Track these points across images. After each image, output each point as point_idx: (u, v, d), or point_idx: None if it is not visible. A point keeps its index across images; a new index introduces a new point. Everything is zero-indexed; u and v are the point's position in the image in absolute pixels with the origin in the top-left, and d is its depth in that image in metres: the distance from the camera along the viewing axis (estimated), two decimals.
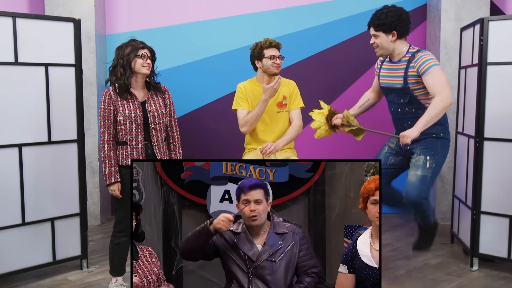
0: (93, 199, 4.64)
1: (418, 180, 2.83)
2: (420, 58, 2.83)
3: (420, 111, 2.89)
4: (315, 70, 4.97)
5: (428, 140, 2.92)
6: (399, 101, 2.95)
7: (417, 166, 2.86)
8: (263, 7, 4.94)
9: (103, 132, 2.92)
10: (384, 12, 2.89)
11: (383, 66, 3.06)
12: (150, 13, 4.91)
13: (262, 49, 3.32)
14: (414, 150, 2.97)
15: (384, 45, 2.92)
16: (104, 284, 3.30)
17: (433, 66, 2.78)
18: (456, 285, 3.28)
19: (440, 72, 2.77)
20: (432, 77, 2.74)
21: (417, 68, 2.83)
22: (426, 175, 2.84)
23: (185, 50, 4.96)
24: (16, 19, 3.14)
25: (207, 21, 4.94)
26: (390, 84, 2.97)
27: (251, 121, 3.30)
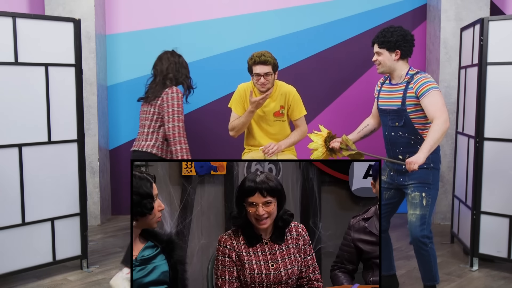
0: (93, 199, 4.64)
1: (418, 220, 2.87)
2: (419, 80, 2.84)
3: (413, 137, 2.91)
4: (315, 70, 4.97)
5: (420, 173, 2.91)
6: (394, 124, 2.94)
7: (415, 205, 2.90)
8: (263, 7, 4.94)
9: (183, 127, 3.22)
10: (390, 31, 2.90)
11: (383, 89, 3.06)
12: (150, 13, 4.91)
13: (250, 66, 3.26)
14: (407, 184, 2.97)
15: (386, 63, 2.93)
16: (104, 284, 3.30)
17: (432, 89, 2.78)
18: (456, 285, 3.28)
19: (438, 96, 2.78)
20: (431, 100, 2.76)
21: (415, 89, 2.83)
22: (425, 213, 2.88)
23: (185, 50, 4.92)
24: (16, 19, 3.14)
25: (207, 21, 4.94)
26: (387, 106, 2.98)
27: (237, 127, 3.32)
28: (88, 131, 4.55)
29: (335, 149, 3.08)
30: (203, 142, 5.03)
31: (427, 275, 2.97)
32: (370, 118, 3.27)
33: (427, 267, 2.94)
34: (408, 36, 2.92)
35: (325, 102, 5.02)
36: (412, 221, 2.89)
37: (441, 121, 2.70)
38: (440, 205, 4.70)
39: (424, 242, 2.86)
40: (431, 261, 2.93)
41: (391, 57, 2.92)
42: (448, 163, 4.63)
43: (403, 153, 2.94)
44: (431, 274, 2.96)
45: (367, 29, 4.93)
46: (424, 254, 2.91)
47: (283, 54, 4.88)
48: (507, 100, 3.36)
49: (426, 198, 2.89)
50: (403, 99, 2.89)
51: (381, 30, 2.97)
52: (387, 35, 2.90)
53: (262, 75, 3.20)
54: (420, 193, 2.90)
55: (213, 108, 4.95)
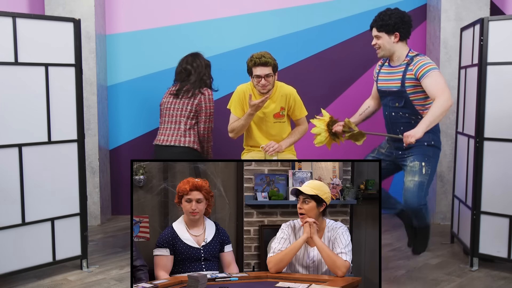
0: (93, 199, 4.64)
1: (416, 187, 2.86)
2: (418, 62, 2.86)
3: (413, 117, 2.94)
4: (315, 70, 4.97)
5: (420, 147, 2.94)
6: (394, 104, 2.97)
7: (414, 172, 2.89)
8: (263, 7, 4.94)
9: None
10: (388, 14, 2.92)
11: (382, 70, 3.09)
12: (150, 13, 4.91)
13: (250, 67, 3.24)
14: (407, 156, 2.99)
15: (386, 46, 2.96)
16: (104, 284, 3.30)
17: (432, 69, 2.81)
18: (456, 285, 3.28)
19: (439, 75, 2.80)
20: (431, 80, 2.77)
21: (415, 71, 2.85)
22: (423, 181, 2.87)
23: (185, 50, 4.94)
24: (16, 19, 3.14)
25: (207, 21, 4.94)
26: (387, 87, 3.00)
27: (237, 130, 3.31)
28: (88, 131, 4.55)
29: (338, 133, 3.11)
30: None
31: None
32: (370, 100, 3.30)
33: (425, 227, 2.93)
34: (406, 18, 2.93)
35: (325, 102, 5.01)
36: (409, 187, 2.85)
37: (444, 99, 2.71)
38: (440, 205, 4.70)
39: (421, 208, 2.83)
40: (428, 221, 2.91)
41: (390, 39, 2.94)
42: (448, 163, 4.63)
43: (403, 132, 2.93)
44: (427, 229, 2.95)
45: (367, 29, 4.90)
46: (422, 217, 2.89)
47: (283, 54, 4.88)
48: (507, 100, 3.36)
49: (425, 167, 2.86)
50: (403, 80, 2.90)
51: (378, 13, 2.98)
52: (385, 18, 2.91)
53: (263, 77, 3.18)
54: (420, 162, 2.88)
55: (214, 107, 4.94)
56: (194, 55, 3.83)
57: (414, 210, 2.88)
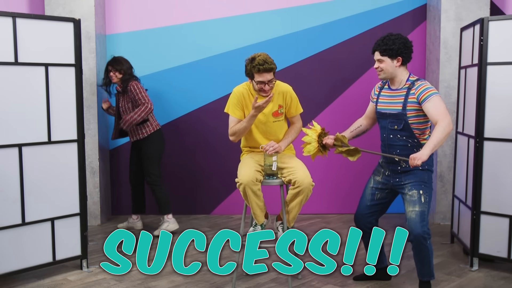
0: (93, 199, 4.64)
1: (418, 216, 2.93)
2: (420, 86, 2.93)
3: (410, 140, 2.99)
4: (315, 70, 4.97)
5: (415, 173, 3.00)
6: (393, 127, 3.03)
7: (414, 202, 2.96)
8: (263, 7, 4.94)
9: None
10: (392, 39, 2.99)
11: (382, 93, 3.14)
12: (150, 13, 4.91)
13: (252, 71, 3.18)
14: (403, 184, 3.04)
15: (388, 70, 3.01)
16: (104, 284, 3.30)
17: (433, 94, 2.88)
18: (456, 285, 3.28)
19: (440, 101, 2.88)
20: (433, 104, 2.85)
21: (417, 95, 2.92)
22: (424, 210, 2.95)
23: (185, 50, 4.96)
24: (16, 19, 3.14)
25: (207, 21, 4.94)
26: (388, 110, 3.06)
27: (238, 132, 3.25)
28: (88, 131, 4.55)
29: (327, 145, 3.15)
30: (203, 141, 5.03)
31: (424, 270, 3.03)
32: (363, 119, 3.35)
33: (425, 262, 3.00)
34: (408, 43, 3.02)
35: (325, 102, 5.01)
36: (412, 218, 2.94)
37: (445, 124, 2.79)
38: (440, 205, 4.70)
39: (425, 237, 2.92)
40: (429, 256, 2.99)
41: (393, 63, 3.01)
42: (448, 163, 4.63)
43: (399, 155, 3.02)
44: (428, 269, 3.03)
45: (367, 29, 4.93)
46: (423, 250, 2.95)
47: (283, 54, 4.88)
48: (507, 100, 3.36)
49: (424, 196, 2.96)
50: (404, 104, 2.98)
51: (381, 38, 3.05)
52: (389, 43, 2.99)
53: (266, 83, 3.17)
54: (418, 190, 2.97)
55: (213, 108, 4.95)
56: None
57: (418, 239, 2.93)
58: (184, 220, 4.83)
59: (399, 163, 3.05)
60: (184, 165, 5.04)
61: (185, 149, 5.04)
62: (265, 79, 3.14)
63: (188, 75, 4.95)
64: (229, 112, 3.34)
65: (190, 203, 5.08)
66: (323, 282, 3.31)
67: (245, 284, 3.30)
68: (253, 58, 3.18)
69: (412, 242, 2.96)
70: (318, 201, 5.00)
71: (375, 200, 3.20)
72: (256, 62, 3.13)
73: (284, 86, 3.35)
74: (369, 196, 3.22)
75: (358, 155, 3.07)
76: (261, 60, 3.12)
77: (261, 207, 3.17)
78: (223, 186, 5.02)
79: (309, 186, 3.08)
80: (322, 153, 3.21)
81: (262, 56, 3.16)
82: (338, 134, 3.14)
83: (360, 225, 3.19)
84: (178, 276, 3.35)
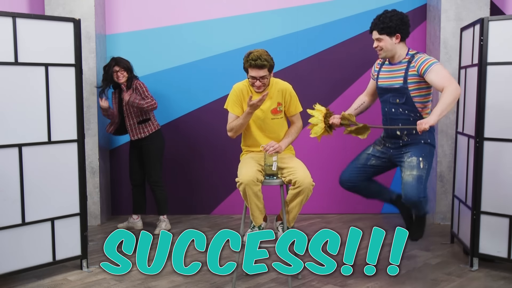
0: (93, 199, 4.64)
1: (415, 180, 2.91)
2: (419, 59, 2.93)
3: (412, 114, 2.99)
4: (315, 70, 4.97)
5: (416, 145, 3.02)
6: (395, 101, 3.03)
7: (412, 167, 2.95)
8: (264, 7, 4.94)
9: None
10: (388, 16, 2.98)
11: (383, 69, 3.15)
12: (150, 13, 4.91)
13: (246, 67, 3.22)
14: (403, 153, 3.05)
15: (388, 47, 3.02)
16: (104, 284, 3.30)
17: (434, 63, 2.88)
18: (456, 285, 3.28)
19: (442, 68, 2.87)
20: (436, 73, 2.83)
21: (417, 67, 2.91)
22: (422, 174, 2.93)
23: (186, 50, 4.96)
24: (16, 19, 3.14)
25: (207, 21, 4.94)
26: (389, 85, 3.06)
27: (235, 128, 3.28)
28: (88, 131, 4.55)
29: (334, 125, 3.16)
30: (203, 141, 5.03)
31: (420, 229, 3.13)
32: (364, 96, 3.38)
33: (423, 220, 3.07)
34: (405, 18, 3.00)
35: (325, 102, 4.99)
36: (408, 181, 2.89)
37: (453, 87, 2.76)
38: (440, 205, 4.70)
39: (421, 201, 2.89)
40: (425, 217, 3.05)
41: (392, 41, 3.01)
42: (448, 163, 4.63)
43: (401, 129, 3.02)
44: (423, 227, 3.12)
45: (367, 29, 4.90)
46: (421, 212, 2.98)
47: (283, 54, 4.88)
48: (507, 100, 3.36)
49: (423, 162, 2.92)
50: (405, 77, 2.96)
51: (377, 16, 3.03)
52: (386, 20, 2.97)
53: (258, 79, 3.18)
54: (417, 157, 2.95)
55: (213, 108, 4.95)
56: None
57: (414, 203, 2.93)
58: (184, 220, 4.83)
59: (400, 137, 3.04)
60: (184, 165, 5.04)
61: (185, 149, 5.04)
62: (257, 75, 3.16)
63: (188, 75, 4.95)
64: (228, 108, 3.37)
65: (190, 203, 5.08)
66: (323, 282, 3.31)
67: (245, 284, 3.30)
68: (249, 53, 3.21)
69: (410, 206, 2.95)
70: (318, 201, 5.00)
71: (368, 165, 3.19)
72: (250, 57, 3.16)
73: (283, 84, 3.37)
74: (363, 160, 3.22)
75: (367, 131, 3.07)
76: (255, 56, 3.14)
77: (260, 209, 3.16)
78: (223, 186, 5.02)
79: (309, 186, 3.08)
80: (328, 132, 3.22)
81: (258, 52, 3.17)
82: (344, 113, 3.15)
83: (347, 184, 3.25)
84: (178, 276, 3.35)
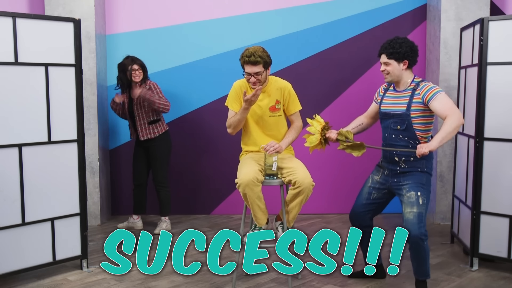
0: (93, 199, 4.65)
1: (416, 218, 2.95)
2: (424, 87, 2.98)
3: (411, 141, 3.02)
4: (315, 70, 4.97)
5: (414, 174, 3.04)
6: (396, 127, 3.07)
7: (412, 204, 2.99)
8: (264, 7, 4.94)
9: None
10: (399, 42, 3.03)
11: (387, 94, 3.18)
12: (150, 13, 4.91)
13: (242, 64, 3.23)
14: (402, 184, 3.07)
15: (395, 72, 3.05)
16: (104, 284, 3.30)
17: (439, 92, 2.92)
18: (456, 285, 3.28)
19: (446, 97, 2.91)
20: (440, 102, 2.88)
21: (422, 95, 2.96)
22: (421, 212, 2.97)
23: (186, 50, 4.96)
24: (16, 19, 3.14)
25: (208, 21, 4.94)
26: (392, 110, 3.10)
27: (233, 124, 3.30)
28: (88, 131, 4.55)
29: (330, 139, 3.17)
30: (203, 141, 5.03)
31: (420, 269, 3.07)
32: (364, 117, 3.40)
33: (422, 262, 3.03)
34: (414, 47, 3.07)
35: (325, 102, 5.01)
36: (409, 219, 2.97)
37: (455, 117, 2.80)
38: (440, 205, 4.70)
39: (422, 239, 2.94)
40: (425, 257, 3.02)
41: (399, 67, 3.05)
42: (448, 163, 4.63)
43: (399, 155, 3.06)
44: (424, 268, 3.06)
45: (367, 29, 4.93)
46: (420, 251, 2.98)
47: (283, 54, 4.88)
48: (507, 100, 3.36)
49: (422, 197, 2.98)
50: (409, 104, 3.02)
51: (387, 41, 3.09)
52: (396, 46, 3.03)
53: (252, 75, 3.19)
54: (416, 192, 3.00)
55: (213, 107, 4.95)
56: None
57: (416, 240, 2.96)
58: (184, 220, 4.83)
59: (398, 164, 3.08)
60: (184, 165, 5.04)
61: (185, 149, 5.04)
62: (251, 71, 3.18)
63: (189, 75, 4.95)
64: (228, 105, 3.39)
65: (191, 203, 5.08)
66: (323, 282, 3.31)
67: (245, 284, 3.30)
68: (246, 49, 3.22)
69: (409, 243, 2.98)
70: (318, 201, 5.00)
71: (371, 200, 3.23)
72: (244, 53, 3.18)
73: (283, 82, 3.39)
74: (366, 195, 3.26)
75: (363, 150, 3.07)
76: (249, 52, 3.16)
77: (262, 209, 3.16)
78: (223, 186, 5.02)
79: (309, 186, 3.08)
80: (321, 146, 3.23)
81: (253, 48, 3.19)
82: (342, 130, 3.16)
83: (355, 223, 3.23)
84: (178, 276, 3.35)
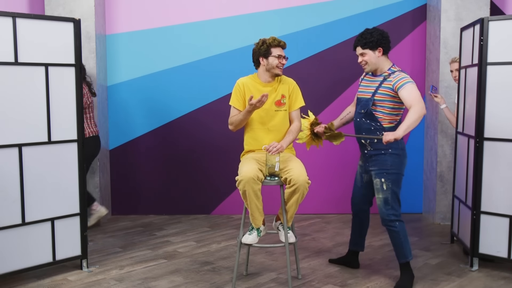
0: None
1: (382, 203, 3.20)
2: (397, 76, 3.15)
3: (373, 124, 3.21)
4: (315, 70, 4.97)
5: (378, 159, 3.23)
6: (361, 111, 3.27)
7: (378, 190, 3.23)
8: (263, 7, 4.94)
9: None
10: (369, 32, 3.22)
11: (364, 80, 3.38)
12: (150, 13, 4.91)
13: (269, 47, 3.33)
14: (371, 170, 3.28)
15: (372, 61, 3.23)
16: (104, 284, 3.30)
17: (408, 82, 3.09)
18: (456, 285, 3.28)
19: (414, 88, 3.08)
20: (408, 91, 3.06)
21: (393, 83, 3.13)
22: (387, 196, 3.19)
23: (185, 50, 4.96)
24: (16, 19, 3.14)
25: (207, 21, 4.94)
26: (362, 96, 3.30)
27: (235, 123, 3.36)
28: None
29: (319, 133, 3.41)
30: (203, 142, 5.03)
31: (398, 252, 3.23)
32: (351, 106, 3.61)
33: (398, 244, 3.21)
34: (385, 34, 3.27)
35: (325, 102, 5.01)
36: (378, 204, 3.23)
37: (418, 107, 3.00)
38: (440, 205, 4.70)
39: (390, 219, 3.17)
40: (400, 237, 3.19)
41: (375, 54, 3.23)
42: (448, 163, 4.63)
43: (365, 138, 3.26)
44: (402, 251, 3.21)
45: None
46: (393, 231, 3.19)
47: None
48: (507, 100, 3.36)
49: (385, 183, 3.19)
50: (376, 90, 3.21)
51: (359, 34, 3.29)
52: (367, 36, 3.23)
53: (283, 57, 3.34)
54: (380, 179, 3.22)
55: (213, 108, 4.95)
56: None
57: (385, 223, 3.20)
58: (184, 220, 4.83)
59: (365, 147, 3.28)
60: (184, 165, 5.04)
61: (184, 150, 5.04)
62: (282, 53, 3.35)
63: (189, 75, 4.95)
64: (231, 103, 3.42)
65: (190, 203, 5.08)
66: (323, 282, 3.31)
67: (245, 284, 3.30)
68: (264, 39, 3.37)
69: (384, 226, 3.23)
70: (318, 201, 5.00)
71: (364, 183, 3.43)
72: (271, 38, 3.36)
73: (289, 79, 3.53)
74: (359, 179, 3.47)
75: (341, 139, 3.34)
76: (276, 37, 3.36)
77: (260, 210, 3.17)
78: (223, 186, 5.02)
79: (304, 183, 3.08)
80: (315, 142, 3.48)
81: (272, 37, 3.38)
82: (329, 123, 3.39)
83: (355, 208, 3.49)
84: (178, 276, 3.36)
